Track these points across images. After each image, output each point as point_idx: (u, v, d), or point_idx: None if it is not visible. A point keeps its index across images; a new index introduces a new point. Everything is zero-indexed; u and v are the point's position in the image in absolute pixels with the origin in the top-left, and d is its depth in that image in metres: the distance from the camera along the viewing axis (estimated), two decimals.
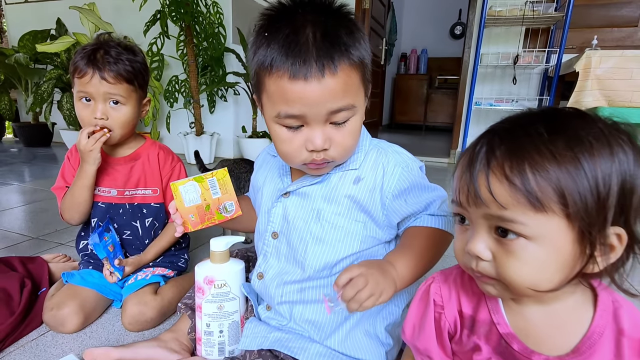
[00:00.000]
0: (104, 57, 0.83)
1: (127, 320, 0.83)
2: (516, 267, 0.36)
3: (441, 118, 5.94)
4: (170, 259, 1.00)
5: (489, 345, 0.44)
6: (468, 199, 0.38)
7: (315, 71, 0.50)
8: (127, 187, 0.94)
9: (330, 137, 0.55)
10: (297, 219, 0.64)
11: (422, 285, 0.50)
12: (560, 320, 0.41)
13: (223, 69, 2.89)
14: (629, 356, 0.38)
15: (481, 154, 0.37)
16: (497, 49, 2.87)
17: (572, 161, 0.33)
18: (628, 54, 2.04)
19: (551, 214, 0.34)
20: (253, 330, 0.66)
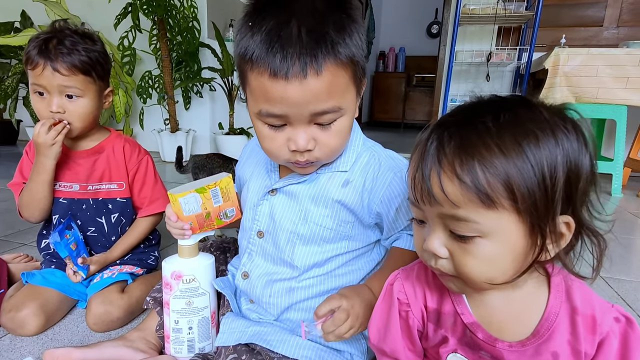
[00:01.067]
0: (56, 47, 0.77)
1: (91, 320, 0.79)
2: (472, 264, 0.37)
3: (419, 116, 6.02)
4: (139, 257, 0.97)
5: (454, 336, 0.44)
6: (422, 197, 0.37)
7: (297, 71, 0.46)
8: (90, 181, 0.90)
9: (315, 137, 0.53)
10: (284, 219, 0.62)
11: (385, 286, 0.49)
12: (519, 306, 0.42)
13: (198, 64, 2.83)
14: (583, 333, 0.39)
15: (432, 151, 0.36)
16: (471, 46, 2.92)
17: (519, 155, 0.33)
18: (594, 52, 2.11)
19: (502, 210, 0.34)
20: (230, 326, 0.64)
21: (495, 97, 0.39)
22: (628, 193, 2.32)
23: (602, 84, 2.12)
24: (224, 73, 2.78)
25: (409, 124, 6.11)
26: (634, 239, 1.56)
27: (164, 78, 2.71)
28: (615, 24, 2.77)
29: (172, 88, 2.73)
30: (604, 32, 2.80)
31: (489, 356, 0.42)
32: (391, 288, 0.48)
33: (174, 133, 2.78)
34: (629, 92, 2.10)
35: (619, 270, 1.21)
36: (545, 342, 0.40)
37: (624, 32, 2.75)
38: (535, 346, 0.40)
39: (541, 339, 0.40)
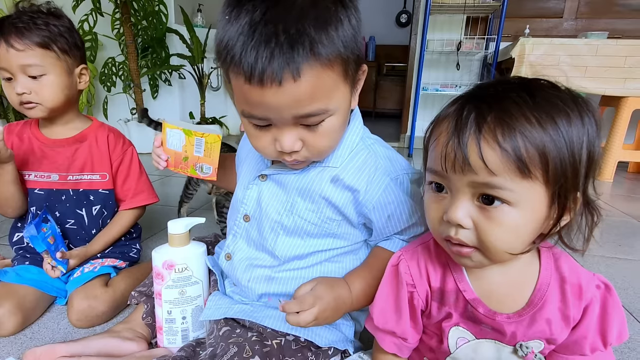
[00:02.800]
0: (11, 22, 0.72)
1: (74, 316, 0.76)
2: (498, 232, 0.37)
3: (390, 104, 6.10)
4: (120, 249, 0.93)
5: (457, 312, 0.46)
6: (454, 165, 0.37)
7: (271, 77, 0.42)
8: (71, 171, 0.85)
9: (302, 138, 0.49)
10: (270, 207, 0.61)
11: (389, 267, 0.49)
12: (515, 279, 0.44)
13: (166, 50, 2.72)
14: (571, 299, 0.43)
15: (470, 120, 0.36)
16: (441, 35, 2.98)
17: (554, 129, 0.35)
18: (556, 42, 2.22)
19: (534, 180, 0.36)
20: (217, 303, 0.64)
21: (521, 78, 0.40)
22: None
23: (563, 72, 2.24)
24: (194, 60, 2.69)
25: (379, 113, 6.18)
26: None
27: (129, 65, 2.58)
28: (574, 16, 2.91)
29: (138, 76, 2.61)
30: (563, 23, 2.94)
31: (489, 328, 0.44)
32: (396, 269, 0.48)
33: (141, 123, 2.66)
34: (587, 81, 2.23)
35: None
36: (539, 310, 0.43)
37: (582, 24, 2.90)
38: (530, 315, 0.43)
39: (535, 308, 0.43)
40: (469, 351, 0.46)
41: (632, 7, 2.83)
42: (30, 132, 0.85)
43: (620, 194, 2.08)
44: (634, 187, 2.27)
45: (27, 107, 0.77)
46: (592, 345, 0.44)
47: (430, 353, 0.51)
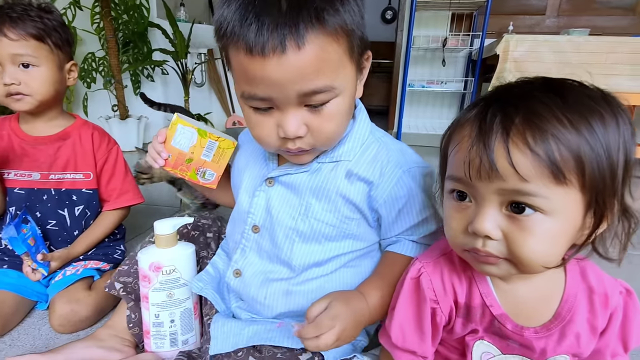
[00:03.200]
0: (4, 12, 0.71)
1: (56, 321, 0.73)
2: (532, 244, 0.35)
3: (376, 101, 6.11)
4: (104, 251, 0.90)
5: (481, 326, 0.44)
6: (480, 172, 0.34)
7: (274, 45, 0.40)
8: (53, 170, 0.82)
9: (306, 122, 0.47)
10: (282, 214, 0.57)
11: (408, 281, 0.45)
12: (542, 291, 0.42)
13: (148, 45, 2.65)
14: (599, 310, 0.41)
15: (496, 123, 0.34)
16: (427, 32, 2.99)
17: (589, 131, 0.32)
18: (539, 39, 2.26)
19: (569, 186, 0.33)
20: (222, 330, 0.58)
21: (544, 78, 0.37)
22: None
23: (547, 69, 2.27)
24: (177, 55, 2.63)
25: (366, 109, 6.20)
26: None
27: (110, 60, 2.51)
28: (556, 13, 2.96)
29: (119, 71, 2.53)
30: (546, 20, 2.99)
31: (517, 344, 0.42)
32: (417, 283, 0.45)
33: (124, 120, 2.59)
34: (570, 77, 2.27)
35: None
36: (568, 323, 0.41)
37: (564, 21, 2.95)
38: (559, 329, 0.41)
39: (564, 321, 0.41)
40: None
41: (611, 4, 2.90)
42: (10, 128, 0.81)
43: None
44: None
45: (15, 99, 0.74)
46: (613, 352, 0.43)
47: None
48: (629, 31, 2.85)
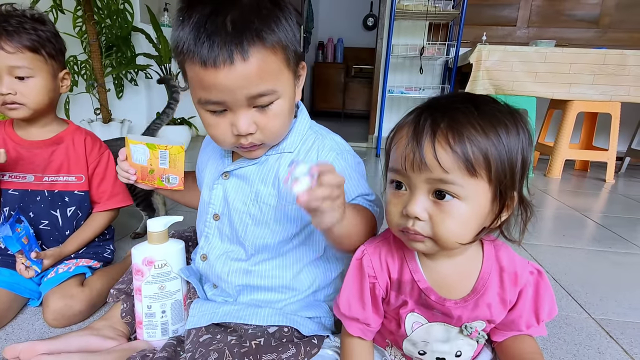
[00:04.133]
0: (2, 26, 0.75)
1: (51, 316, 0.76)
2: (449, 224, 0.43)
3: (358, 105, 6.23)
4: (94, 250, 0.94)
5: (412, 299, 0.51)
6: (413, 164, 0.43)
7: (224, 58, 0.49)
8: (47, 172, 0.85)
9: (255, 121, 0.55)
10: (237, 201, 0.65)
11: (354, 261, 0.54)
12: (462, 269, 0.50)
13: (131, 49, 2.66)
14: (508, 285, 0.50)
15: (427, 126, 0.42)
16: (405, 40, 3.11)
17: (496, 136, 0.42)
18: (509, 49, 2.39)
19: (479, 178, 0.42)
20: (200, 309, 0.66)
21: (467, 93, 0.47)
22: (537, 173, 2.67)
23: (516, 77, 2.41)
24: (161, 60, 2.65)
25: (348, 114, 6.29)
26: (542, 210, 1.83)
27: (93, 64, 2.51)
28: (526, 24, 3.13)
29: (102, 75, 2.54)
30: (517, 31, 3.15)
31: (439, 313, 0.51)
32: (360, 262, 0.53)
33: (106, 124, 2.60)
34: (537, 85, 2.42)
35: (532, 237, 1.43)
36: (482, 296, 0.49)
37: (533, 32, 3.12)
38: (474, 300, 0.49)
39: (478, 294, 0.49)
40: (422, 333, 0.52)
41: (577, 17, 3.08)
42: (5, 133, 0.85)
43: (567, 190, 2.28)
44: (579, 183, 2.49)
45: (10, 108, 0.78)
46: (527, 323, 0.51)
47: (390, 335, 0.57)
48: (593, 42, 3.04)
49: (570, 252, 1.30)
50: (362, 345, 0.56)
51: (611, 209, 1.92)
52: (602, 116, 2.58)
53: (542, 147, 2.77)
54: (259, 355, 0.57)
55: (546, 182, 2.45)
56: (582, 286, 1.06)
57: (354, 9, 6.10)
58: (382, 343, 0.59)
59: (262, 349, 0.58)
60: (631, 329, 0.87)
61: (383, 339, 0.60)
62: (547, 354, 0.77)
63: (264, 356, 0.57)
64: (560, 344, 0.80)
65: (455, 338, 0.52)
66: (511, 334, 0.53)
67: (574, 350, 0.78)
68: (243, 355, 0.56)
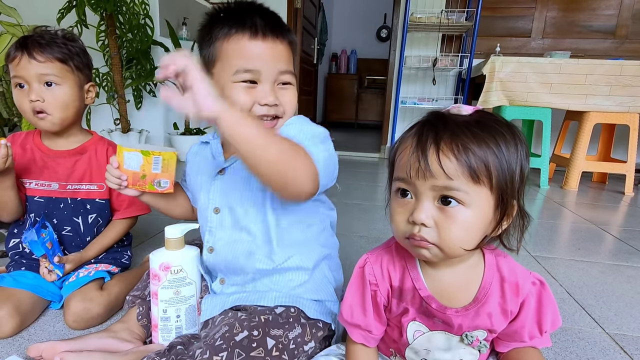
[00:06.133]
0: (34, 39, 0.82)
1: (71, 318, 0.80)
2: (454, 229, 0.44)
3: (371, 116, 6.26)
4: (113, 255, 0.97)
5: (413, 307, 0.52)
6: (418, 172, 0.44)
7: (270, 35, 0.64)
8: (70, 181, 0.90)
9: (278, 95, 0.66)
10: (234, 190, 0.71)
11: (356, 269, 0.56)
12: (464, 278, 0.51)
13: (151, 62, 2.75)
14: (509, 295, 0.50)
15: (430, 137, 0.44)
16: (418, 52, 3.14)
17: (496, 146, 0.44)
18: (523, 61, 2.38)
19: (482, 185, 0.43)
20: (211, 303, 0.70)
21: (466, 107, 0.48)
22: (553, 185, 2.64)
23: (531, 89, 2.40)
24: None
25: (361, 124, 6.33)
26: (558, 223, 1.81)
27: (114, 76, 2.61)
28: (541, 36, 3.12)
29: (122, 87, 2.64)
30: (531, 42, 3.14)
31: (440, 321, 0.51)
32: (362, 271, 0.54)
33: (125, 133, 2.68)
34: (552, 96, 2.40)
35: (546, 250, 1.41)
36: (483, 305, 0.50)
37: (548, 43, 3.11)
38: (475, 309, 0.50)
39: (479, 304, 0.50)
40: (424, 341, 0.53)
41: (592, 28, 3.06)
42: (33, 142, 0.90)
43: (584, 202, 2.24)
44: (597, 195, 2.44)
45: (40, 117, 0.84)
46: (530, 334, 0.52)
47: (393, 344, 0.58)
48: (609, 53, 3.01)
49: (585, 266, 1.28)
50: (366, 351, 0.57)
51: (629, 222, 1.87)
52: (620, 127, 2.53)
53: (559, 159, 2.73)
54: (267, 328, 0.61)
55: (562, 194, 2.41)
56: (596, 300, 1.04)
57: (368, 20, 6.18)
58: (387, 352, 0.60)
59: (270, 324, 0.62)
60: None
61: (387, 348, 0.60)
62: None
63: (272, 330, 0.61)
64: (572, 358, 0.79)
65: (456, 347, 0.52)
66: (515, 345, 0.54)
67: None
68: (252, 327, 0.60)
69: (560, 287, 1.11)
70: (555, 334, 0.88)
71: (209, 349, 0.57)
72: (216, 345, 0.58)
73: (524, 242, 0.50)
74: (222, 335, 0.59)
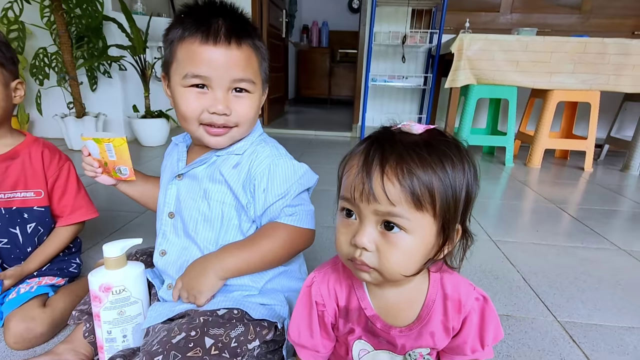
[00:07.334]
0: None
1: (12, 339, 0.75)
2: (395, 255, 0.43)
3: (344, 91, 6.17)
4: (58, 266, 0.91)
5: (359, 326, 0.52)
6: (362, 195, 0.42)
7: (223, 40, 0.60)
8: (3, 189, 0.82)
9: (231, 104, 0.63)
10: (188, 199, 0.70)
11: (304, 288, 0.54)
12: (408, 297, 0.50)
13: (103, 40, 2.57)
14: (451, 313, 0.50)
15: (376, 159, 0.42)
16: (388, 27, 3.06)
17: (442, 171, 0.42)
18: (491, 38, 2.36)
19: (425, 212, 0.42)
20: (157, 310, 0.68)
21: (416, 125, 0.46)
22: (518, 162, 2.70)
23: (498, 67, 2.40)
24: (135, 50, 2.56)
25: (334, 100, 6.24)
26: (519, 204, 1.86)
27: (63, 56, 2.42)
28: (509, 10, 3.10)
29: (73, 67, 2.45)
30: (500, 17, 3.12)
31: (385, 341, 0.51)
32: (309, 290, 0.53)
33: (80, 118, 2.52)
34: (518, 75, 2.41)
35: (506, 233, 1.44)
36: (426, 325, 0.50)
37: (516, 18, 3.10)
38: (418, 329, 0.50)
39: (423, 322, 0.50)
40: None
41: (559, 2, 3.06)
42: None
43: (546, 180, 2.31)
44: (558, 172, 2.52)
45: None
46: (472, 348, 0.52)
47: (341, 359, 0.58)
48: (575, 29, 3.03)
49: (541, 249, 1.33)
50: None
51: (586, 199, 1.95)
52: (583, 105, 2.59)
53: (523, 136, 2.79)
54: (206, 328, 0.60)
55: (526, 172, 2.47)
56: (550, 287, 1.08)
57: None
58: None
59: (210, 324, 0.61)
60: (594, 331, 0.89)
61: None
62: None
63: (211, 330, 0.60)
64: (524, 350, 0.82)
65: None
66: (458, 358, 0.54)
67: (537, 357, 0.80)
68: (190, 329, 0.59)
69: (517, 274, 1.15)
70: (510, 324, 0.90)
71: (145, 356, 0.56)
72: (152, 351, 0.57)
73: (486, 226, 0.49)
74: (159, 340, 0.58)
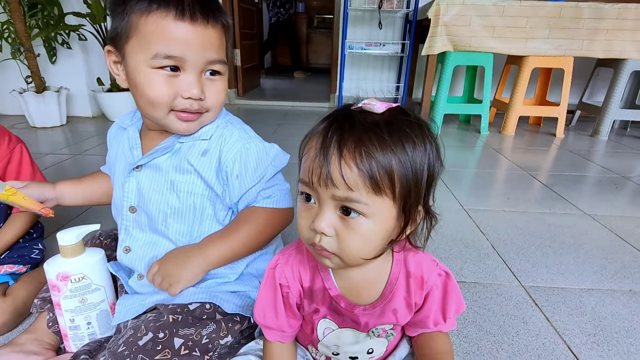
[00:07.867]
0: None
1: None
2: (354, 241, 0.42)
3: (322, 59, 6.02)
4: (19, 252, 0.88)
5: (324, 306, 0.52)
6: (320, 179, 0.41)
7: (200, 17, 0.54)
8: None
9: (205, 87, 0.59)
10: (152, 192, 0.65)
11: (267, 270, 0.54)
12: (372, 276, 0.51)
13: (59, 7, 2.38)
14: (414, 289, 0.51)
15: (334, 141, 0.40)
16: None
17: (402, 153, 0.40)
18: (467, 3, 2.31)
19: (384, 196, 0.41)
20: (126, 304, 0.66)
21: (379, 102, 0.44)
22: (493, 130, 2.73)
23: (474, 33, 2.36)
24: (95, 19, 2.39)
25: (312, 68, 6.08)
26: (494, 172, 1.89)
27: (16, 25, 2.24)
28: None
29: (28, 38, 2.28)
30: None
31: (349, 319, 0.52)
32: (273, 272, 0.53)
33: (40, 93, 2.37)
34: (494, 41, 2.38)
35: (478, 202, 1.47)
36: (389, 302, 0.50)
37: None
38: (381, 307, 0.50)
39: (385, 300, 0.50)
40: (333, 338, 0.54)
41: None
42: None
43: (519, 147, 2.35)
44: (531, 139, 2.56)
45: None
46: (435, 321, 0.53)
47: (307, 338, 0.59)
48: None
49: (511, 217, 1.36)
50: (282, 347, 0.57)
51: (557, 166, 2.00)
52: (557, 71, 2.61)
53: (499, 104, 2.80)
54: (175, 329, 0.58)
55: (500, 139, 2.50)
56: (517, 253, 1.12)
57: None
58: (305, 342, 0.61)
59: (179, 324, 0.59)
60: (556, 295, 0.93)
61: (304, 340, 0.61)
62: (475, 326, 0.81)
63: (181, 330, 0.58)
64: (489, 315, 0.85)
65: (364, 340, 0.54)
66: (422, 331, 0.56)
67: (500, 322, 0.83)
68: (158, 329, 0.58)
69: (487, 242, 1.18)
70: (476, 291, 0.93)
71: (111, 357, 0.55)
72: (118, 353, 0.55)
73: (459, 195, 0.48)
74: (125, 340, 0.57)
